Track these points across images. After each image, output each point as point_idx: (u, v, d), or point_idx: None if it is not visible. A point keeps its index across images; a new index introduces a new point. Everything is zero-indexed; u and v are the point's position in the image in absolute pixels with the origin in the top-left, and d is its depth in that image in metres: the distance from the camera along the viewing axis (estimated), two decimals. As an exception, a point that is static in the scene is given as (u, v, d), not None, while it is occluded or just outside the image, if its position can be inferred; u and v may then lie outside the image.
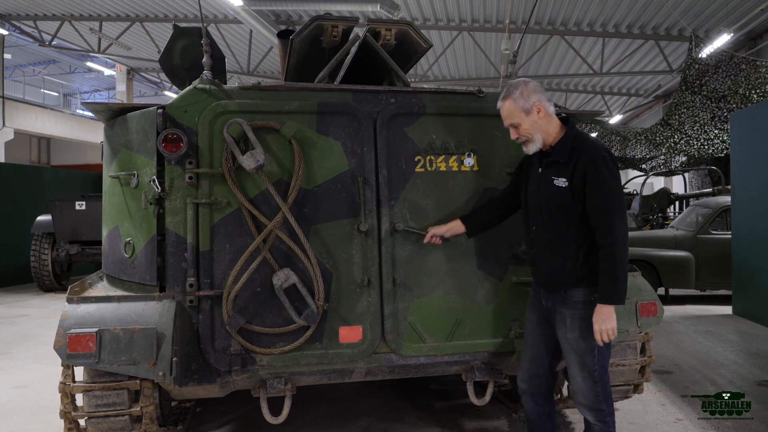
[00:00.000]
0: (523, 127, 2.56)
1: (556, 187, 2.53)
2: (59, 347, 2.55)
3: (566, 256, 2.54)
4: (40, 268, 9.83)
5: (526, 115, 2.55)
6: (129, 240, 2.93)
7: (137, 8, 14.81)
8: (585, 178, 2.46)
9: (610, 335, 2.44)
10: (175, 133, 2.74)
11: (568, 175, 2.50)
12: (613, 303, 2.43)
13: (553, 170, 2.57)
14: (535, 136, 2.57)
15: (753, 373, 4.84)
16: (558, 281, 2.59)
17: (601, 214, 2.44)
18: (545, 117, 2.57)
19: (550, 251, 2.60)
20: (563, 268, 2.55)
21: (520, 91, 2.55)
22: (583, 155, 2.48)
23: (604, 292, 2.44)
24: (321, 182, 2.93)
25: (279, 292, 2.82)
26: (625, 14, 13.07)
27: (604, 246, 2.43)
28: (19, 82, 26.59)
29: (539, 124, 2.56)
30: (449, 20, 14.09)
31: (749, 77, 11.56)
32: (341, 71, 3.46)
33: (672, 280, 7.99)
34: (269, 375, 2.85)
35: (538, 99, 2.55)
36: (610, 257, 2.41)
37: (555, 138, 2.59)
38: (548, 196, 2.57)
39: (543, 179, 2.61)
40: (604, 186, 2.44)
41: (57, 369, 2.88)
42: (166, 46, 4.28)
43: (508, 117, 2.59)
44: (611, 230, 2.41)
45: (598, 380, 2.56)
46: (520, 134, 2.59)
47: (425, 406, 4.13)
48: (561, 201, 2.52)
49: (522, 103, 2.54)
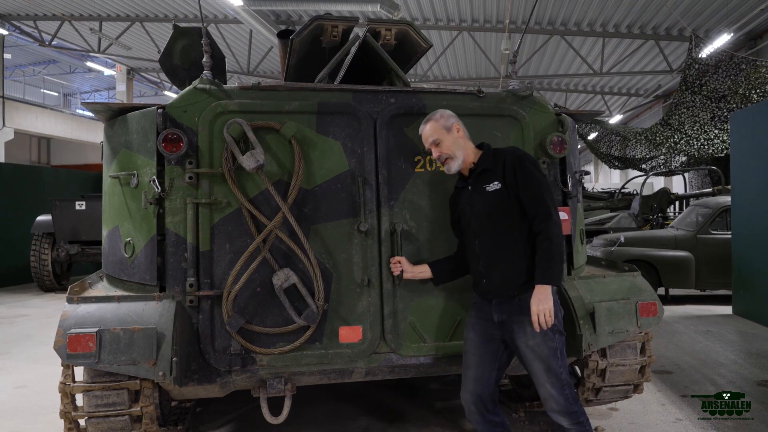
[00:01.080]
0: (445, 144, 2.70)
1: (490, 192, 2.64)
2: (59, 347, 2.54)
3: (517, 256, 2.61)
4: (40, 268, 9.84)
5: (448, 132, 2.71)
6: (129, 240, 2.93)
7: (137, 8, 14.81)
8: (515, 175, 2.59)
9: (548, 317, 2.47)
10: (175, 133, 2.74)
11: (499, 177, 2.63)
12: (549, 283, 2.50)
13: (482, 179, 2.68)
14: (457, 153, 2.70)
15: (753, 373, 4.84)
16: (512, 285, 2.61)
17: (537, 202, 2.56)
18: (463, 138, 2.74)
19: (499, 257, 2.65)
20: (516, 269, 2.60)
21: (440, 114, 2.76)
22: (507, 157, 2.65)
23: (540, 273, 2.51)
24: (321, 182, 2.93)
25: (279, 292, 2.82)
26: (625, 14, 13.07)
27: (541, 231, 2.54)
28: (19, 82, 26.60)
29: (459, 143, 2.71)
30: (449, 20, 14.09)
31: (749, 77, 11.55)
32: (341, 71, 3.46)
33: (672, 280, 7.99)
34: (269, 375, 2.85)
35: (456, 121, 2.75)
36: (547, 239, 2.52)
37: (475, 156, 2.74)
38: (484, 204, 2.66)
39: (474, 193, 2.71)
40: (533, 177, 2.59)
41: (57, 369, 2.88)
42: (166, 46, 4.28)
43: (431, 135, 2.72)
44: (547, 216, 2.54)
45: (565, 382, 2.56)
46: (442, 152, 2.71)
47: (425, 406, 4.13)
48: (498, 203, 2.62)
49: (443, 122, 2.72)
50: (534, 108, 3.18)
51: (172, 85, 4.51)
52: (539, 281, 2.51)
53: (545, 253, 2.52)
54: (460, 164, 2.72)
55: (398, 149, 3.01)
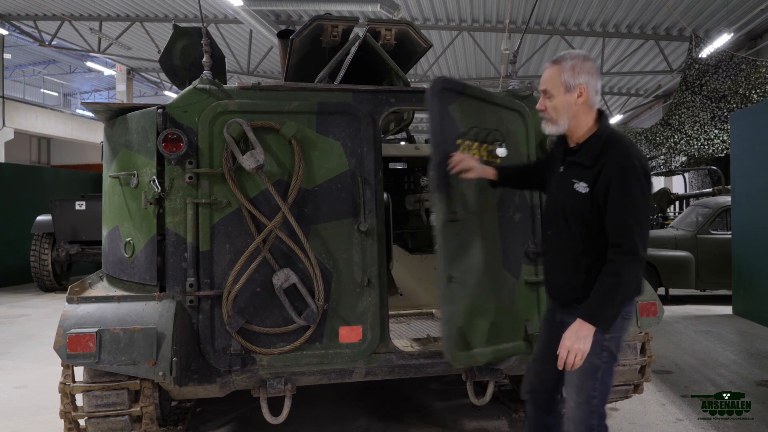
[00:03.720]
0: (555, 103, 2.23)
1: (575, 192, 2.20)
2: (59, 347, 2.55)
3: (577, 270, 2.23)
4: (40, 268, 9.84)
5: (565, 92, 2.20)
6: (129, 240, 2.93)
7: (137, 8, 14.80)
8: (608, 190, 2.10)
9: (577, 360, 2.10)
10: (175, 133, 2.74)
11: (590, 180, 2.16)
12: (595, 325, 2.09)
13: (574, 172, 2.24)
14: (561, 120, 2.24)
15: (753, 373, 4.84)
16: (566, 295, 2.31)
17: (622, 233, 2.08)
18: (583, 105, 2.21)
19: (560, 262, 2.31)
20: (572, 283, 2.25)
21: (573, 64, 2.19)
22: (610, 161, 2.12)
23: (590, 309, 2.11)
24: (321, 182, 2.93)
25: (279, 292, 2.82)
26: (625, 14, 13.07)
27: (614, 262, 2.09)
28: (19, 82, 26.60)
29: (572, 109, 2.21)
30: (449, 20, 14.08)
31: (749, 77, 11.56)
32: (341, 71, 3.46)
33: (672, 280, 7.99)
34: (269, 375, 2.85)
35: (586, 83, 2.19)
36: (616, 275, 2.07)
37: (584, 134, 2.25)
38: (566, 200, 2.25)
39: (563, 180, 2.29)
40: (628, 201, 2.08)
41: (57, 369, 2.88)
42: (166, 46, 4.29)
43: (545, 82, 2.25)
44: (629, 251, 2.06)
45: (594, 410, 2.19)
46: (546, 109, 2.26)
47: (425, 406, 4.13)
48: (578, 209, 2.19)
49: (567, 77, 2.19)
50: (534, 108, 3.17)
51: (172, 85, 4.51)
52: (586, 318, 2.10)
53: (607, 291, 2.09)
54: (559, 132, 2.28)
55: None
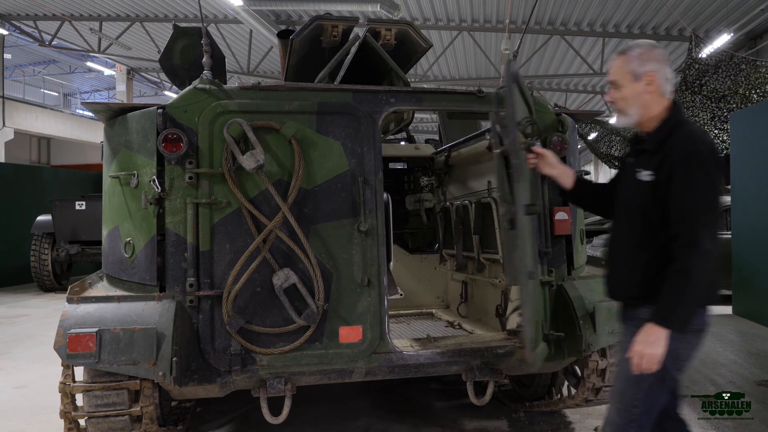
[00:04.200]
0: (624, 93, 2.15)
1: (638, 181, 2.10)
2: (59, 347, 2.55)
3: (635, 265, 2.12)
4: (40, 268, 9.84)
5: (634, 81, 2.13)
6: (129, 240, 2.93)
7: (137, 8, 14.80)
8: (672, 175, 1.99)
9: (651, 366, 1.97)
10: (175, 133, 2.74)
11: (653, 167, 2.05)
12: (668, 327, 1.96)
13: (640, 160, 2.14)
14: (631, 110, 2.16)
15: (753, 373, 4.84)
16: (623, 293, 2.22)
17: (685, 221, 1.96)
18: (654, 94, 2.12)
19: (619, 256, 2.22)
20: (630, 279, 2.14)
21: (640, 52, 2.13)
22: (675, 146, 2.02)
23: (662, 311, 1.97)
24: (321, 182, 2.93)
25: (279, 292, 2.82)
26: (625, 14, 13.06)
27: (678, 259, 1.96)
28: (19, 82, 26.56)
29: (643, 99, 2.13)
30: (449, 20, 14.08)
31: (749, 77, 11.55)
32: (341, 71, 3.46)
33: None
34: (269, 375, 2.85)
35: (655, 70, 2.11)
36: (683, 272, 1.94)
37: (656, 123, 2.14)
38: (628, 191, 2.18)
39: (629, 171, 2.20)
40: (693, 186, 1.97)
41: (57, 369, 2.87)
42: (166, 46, 4.29)
43: (613, 73, 2.19)
44: (692, 242, 1.94)
45: (635, 420, 2.08)
46: (615, 100, 2.19)
47: (425, 406, 4.13)
48: (640, 199, 2.10)
49: (634, 66, 2.12)
50: (534, 108, 3.18)
51: (172, 85, 4.51)
52: (656, 320, 1.97)
53: (675, 290, 1.96)
54: (630, 123, 2.20)
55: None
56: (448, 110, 3.31)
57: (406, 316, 4.64)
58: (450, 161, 4.81)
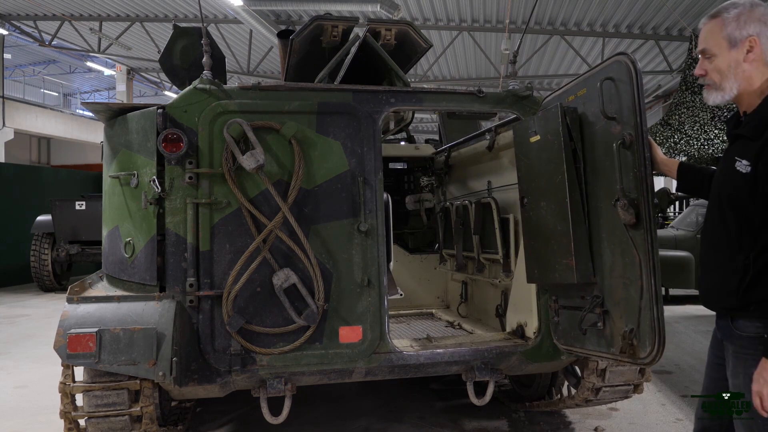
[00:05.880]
0: (717, 63, 1.79)
1: (735, 171, 1.75)
2: (59, 347, 2.55)
3: (730, 270, 1.78)
4: (40, 268, 9.84)
5: (729, 48, 1.76)
6: (129, 240, 2.93)
7: (137, 8, 14.80)
8: None
9: (766, 404, 1.72)
10: (175, 133, 2.74)
11: (753, 157, 1.70)
12: None
13: (738, 148, 1.79)
14: (725, 85, 1.79)
15: (753, 373, 4.83)
16: (716, 302, 1.89)
17: None
18: (756, 63, 1.76)
19: (712, 259, 1.89)
20: (724, 287, 1.81)
21: (737, 14, 1.76)
22: None
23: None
24: (321, 182, 2.93)
25: (279, 292, 2.82)
26: (625, 14, 13.07)
27: None
28: (19, 82, 26.57)
29: (741, 69, 1.76)
30: (449, 20, 14.07)
31: (749, 77, 11.54)
32: (341, 71, 3.46)
33: (672, 280, 7.98)
34: (269, 375, 2.85)
35: (757, 33, 1.74)
36: None
37: (758, 99, 1.78)
38: (723, 184, 1.82)
39: (726, 159, 1.84)
40: None
41: (57, 369, 2.87)
42: (166, 46, 4.29)
43: (703, 41, 1.82)
44: None
45: None
46: (707, 72, 1.82)
47: (425, 406, 4.13)
48: (736, 193, 1.75)
49: (731, 30, 1.75)
50: (534, 108, 3.18)
51: (172, 85, 4.51)
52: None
53: None
54: (725, 101, 1.82)
55: None
56: (448, 110, 3.31)
57: (406, 316, 4.64)
58: (450, 161, 4.81)
